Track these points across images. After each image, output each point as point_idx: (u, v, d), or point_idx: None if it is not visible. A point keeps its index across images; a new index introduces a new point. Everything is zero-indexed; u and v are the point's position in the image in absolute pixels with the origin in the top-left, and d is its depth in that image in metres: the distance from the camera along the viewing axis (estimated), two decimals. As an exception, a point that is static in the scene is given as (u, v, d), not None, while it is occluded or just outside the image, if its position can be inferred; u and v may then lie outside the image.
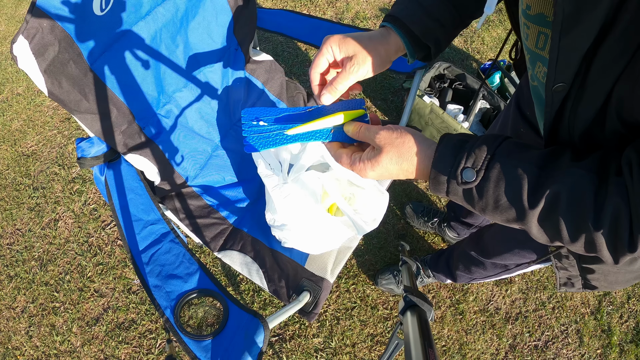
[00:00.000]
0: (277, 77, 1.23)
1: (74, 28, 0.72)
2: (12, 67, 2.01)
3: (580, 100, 0.39)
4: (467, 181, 0.39)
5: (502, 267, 0.89)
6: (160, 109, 0.99)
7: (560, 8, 0.33)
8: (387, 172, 0.44)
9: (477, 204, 0.40)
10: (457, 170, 0.39)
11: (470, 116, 1.45)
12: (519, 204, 0.37)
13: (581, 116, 0.40)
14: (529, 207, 0.37)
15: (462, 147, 0.40)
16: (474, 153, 0.39)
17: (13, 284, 1.43)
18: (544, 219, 0.37)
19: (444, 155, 0.41)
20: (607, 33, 0.33)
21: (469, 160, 0.39)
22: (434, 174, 0.41)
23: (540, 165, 0.37)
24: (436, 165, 0.41)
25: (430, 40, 0.53)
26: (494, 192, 0.38)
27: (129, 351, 1.30)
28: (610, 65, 0.34)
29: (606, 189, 0.34)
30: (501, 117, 0.86)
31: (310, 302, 0.86)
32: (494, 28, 2.00)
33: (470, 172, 0.39)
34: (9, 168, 1.68)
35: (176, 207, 1.01)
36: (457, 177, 0.39)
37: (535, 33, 0.43)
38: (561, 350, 1.31)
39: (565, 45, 0.35)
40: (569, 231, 0.36)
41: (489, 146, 0.39)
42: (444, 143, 0.42)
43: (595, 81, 0.36)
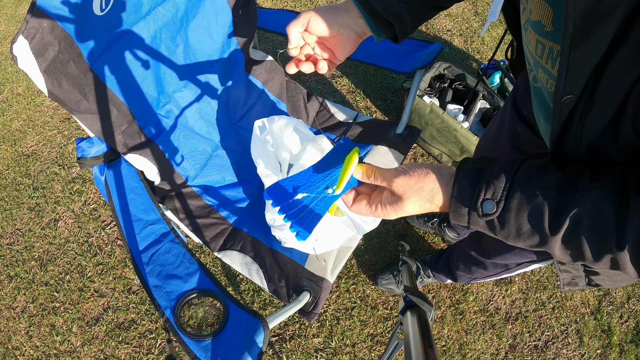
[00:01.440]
0: (277, 77, 1.23)
1: (74, 28, 0.73)
2: (12, 67, 2.01)
3: (589, 111, 0.38)
4: (487, 213, 0.39)
5: (503, 267, 0.89)
6: (160, 109, 0.99)
7: (572, 21, 0.33)
8: (411, 213, 0.45)
9: (499, 232, 0.40)
10: (477, 203, 0.40)
11: (470, 116, 1.45)
12: (541, 231, 0.38)
13: (590, 127, 0.40)
14: (551, 233, 0.37)
15: (480, 177, 0.40)
16: (492, 184, 0.39)
17: (13, 284, 1.43)
18: (567, 241, 0.37)
19: (462, 187, 0.41)
20: (618, 45, 0.32)
21: (488, 191, 0.39)
22: (454, 207, 0.42)
23: (559, 189, 0.37)
24: (456, 198, 0.41)
25: (392, 16, 0.52)
26: (516, 221, 0.39)
27: (129, 351, 1.30)
28: (621, 77, 0.34)
29: (627, 209, 0.34)
30: (498, 116, 0.86)
31: (310, 302, 0.86)
32: (494, 28, 2.00)
33: (491, 204, 0.39)
34: (9, 168, 1.68)
35: (176, 207, 1.01)
36: (478, 209, 0.40)
37: (534, 40, 0.43)
38: (561, 350, 1.31)
39: (575, 59, 0.35)
40: (592, 253, 0.36)
41: (507, 174, 0.39)
42: (461, 174, 0.42)
43: (606, 92, 0.36)
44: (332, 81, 1.83)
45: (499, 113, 0.86)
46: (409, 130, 1.12)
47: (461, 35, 1.98)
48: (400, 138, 1.10)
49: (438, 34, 1.98)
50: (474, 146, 1.34)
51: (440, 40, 1.96)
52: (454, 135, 1.38)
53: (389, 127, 1.14)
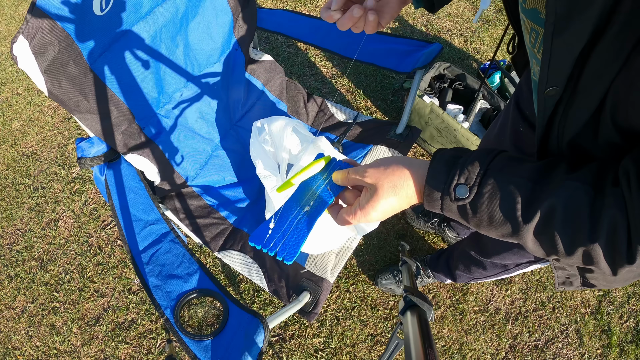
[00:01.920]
0: (277, 77, 1.23)
1: (74, 28, 0.73)
2: (12, 67, 2.01)
3: (571, 104, 0.38)
4: (460, 198, 0.39)
5: (502, 267, 0.89)
6: (160, 109, 0.99)
7: (552, 8, 0.33)
8: (389, 205, 0.43)
9: (471, 219, 0.40)
10: (450, 187, 0.39)
11: (470, 116, 1.45)
12: (513, 219, 0.37)
13: (572, 122, 0.39)
14: (524, 221, 0.36)
15: (454, 163, 0.40)
16: (467, 169, 0.39)
17: (13, 284, 1.43)
18: (540, 232, 0.36)
19: (436, 172, 0.41)
20: (600, 35, 0.32)
21: (462, 176, 0.39)
22: (427, 191, 0.41)
23: (533, 179, 0.37)
24: (429, 182, 0.41)
25: None
26: (488, 208, 0.38)
27: (129, 351, 1.30)
28: (603, 68, 0.33)
29: (602, 201, 0.33)
30: (501, 116, 0.86)
31: (310, 302, 0.86)
32: (493, 28, 2.00)
33: (464, 188, 0.39)
34: (9, 168, 1.68)
35: (176, 207, 1.01)
36: (451, 193, 0.39)
37: (528, 29, 0.43)
38: (561, 350, 1.31)
39: (557, 47, 0.35)
40: (564, 245, 0.35)
41: (481, 162, 0.39)
42: (436, 159, 0.42)
43: (588, 85, 0.35)
44: (332, 81, 1.83)
45: (502, 113, 0.86)
46: (409, 130, 1.12)
47: (461, 35, 1.98)
48: (400, 138, 1.10)
49: (438, 34, 1.98)
50: (474, 146, 1.34)
51: (440, 40, 1.96)
52: (454, 135, 1.38)
53: (389, 127, 1.14)
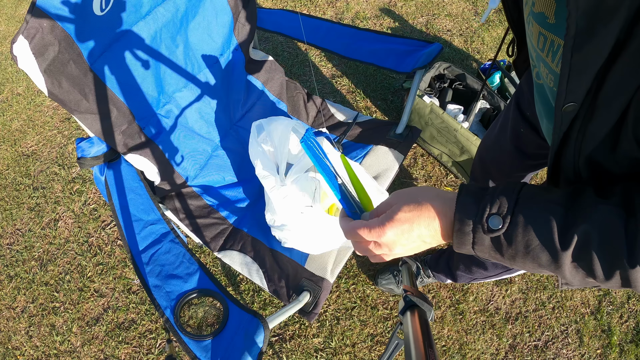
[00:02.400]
0: (277, 77, 1.23)
1: (74, 28, 0.73)
2: (12, 67, 2.01)
3: (590, 119, 0.37)
4: (493, 229, 0.37)
5: (503, 267, 0.89)
6: (160, 109, 0.99)
7: (573, 22, 0.32)
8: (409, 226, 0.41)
9: (506, 252, 0.38)
10: (483, 218, 0.38)
11: (470, 116, 1.45)
12: (551, 247, 0.36)
13: (590, 137, 0.38)
14: (562, 248, 0.35)
15: (483, 195, 0.39)
16: (498, 199, 0.38)
17: (13, 284, 1.43)
18: (577, 259, 0.35)
19: (465, 205, 0.39)
20: (621, 48, 0.31)
21: (494, 206, 0.37)
22: (458, 225, 0.39)
23: (565, 205, 0.36)
24: (459, 215, 0.39)
25: None
26: (523, 237, 0.36)
27: (129, 351, 1.30)
28: (624, 82, 0.32)
29: (635, 223, 0.33)
30: (501, 117, 0.86)
31: (310, 302, 0.86)
32: (494, 28, 2.00)
33: (497, 219, 0.37)
34: (9, 168, 1.68)
35: (176, 207, 1.01)
36: (483, 225, 0.37)
37: (536, 32, 0.43)
38: (561, 350, 1.31)
39: (577, 61, 0.34)
40: (603, 269, 0.34)
41: (511, 191, 0.38)
42: (463, 193, 0.40)
43: (609, 99, 0.34)
44: (332, 81, 1.83)
45: (502, 114, 0.86)
46: (409, 130, 1.12)
47: (461, 35, 1.98)
48: (400, 138, 1.10)
49: (438, 34, 1.98)
50: (474, 146, 1.34)
51: (440, 40, 1.96)
52: (454, 135, 1.38)
53: (389, 127, 1.14)
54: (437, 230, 0.41)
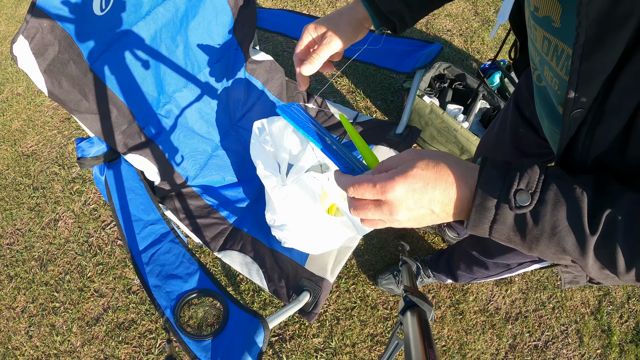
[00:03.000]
0: (277, 77, 1.23)
1: (74, 28, 0.73)
2: (12, 67, 2.01)
3: (598, 124, 0.37)
4: (521, 205, 0.34)
5: (504, 267, 0.89)
6: (160, 109, 0.99)
7: (583, 30, 0.31)
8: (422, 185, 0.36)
9: (530, 232, 0.35)
10: (510, 193, 0.34)
11: (470, 116, 1.45)
12: (579, 229, 0.33)
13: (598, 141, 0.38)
14: (590, 232, 0.33)
15: (508, 169, 0.36)
16: (527, 173, 0.35)
17: (13, 284, 1.43)
18: (600, 246, 0.33)
19: (491, 176, 0.35)
20: (630, 55, 0.31)
21: (522, 181, 0.34)
22: (479, 199, 0.35)
23: (592, 187, 0.34)
24: (483, 187, 0.35)
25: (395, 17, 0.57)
26: (552, 216, 0.34)
27: (129, 351, 1.30)
28: (633, 87, 0.32)
29: None
30: (499, 117, 0.86)
31: (310, 302, 0.86)
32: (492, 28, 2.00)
33: (525, 194, 0.34)
34: (9, 168, 1.68)
35: (176, 207, 1.01)
36: (510, 200, 0.34)
37: (541, 37, 0.43)
38: (561, 350, 1.31)
39: (585, 71, 0.34)
40: (625, 259, 0.33)
41: (538, 168, 0.35)
42: (488, 164, 0.36)
43: (616, 105, 0.34)
44: (332, 81, 1.83)
45: (501, 113, 0.86)
46: (409, 130, 1.12)
47: (461, 35, 1.98)
48: (400, 138, 1.10)
49: (438, 34, 1.98)
50: (474, 146, 1.34)
51: (440, 40, 1.96)
52: (454, 135, 1.38)
53: (389, 127, 1.14)
54: (452, 200, 0.37)
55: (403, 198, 0.36)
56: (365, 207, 0.39)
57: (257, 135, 0.96)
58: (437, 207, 0.37)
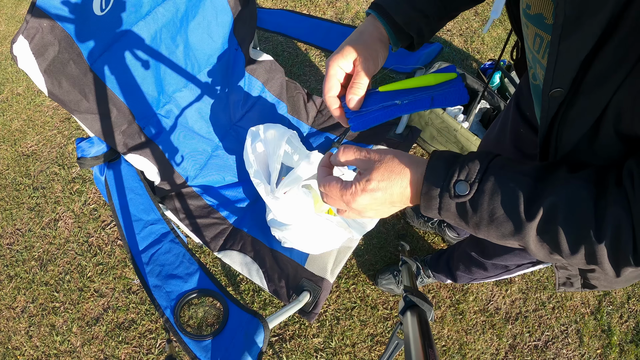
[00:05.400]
0: (277, 77, 1.23)
1: (74, 28, 0.73)
2: (12, 67, 2.01)
3: (572, 106, 0.38)
4: (460, 194, 0.38)
5: (503, 268, 0.89)
6: (160, 109, 0.99)
7: (562, 11, 0.33)
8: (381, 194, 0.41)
9: (471, 219, 0.39)
10: (450, 184, 0.38)
11: (470, 116, 1.45)
12: (515, 217, 0.36)
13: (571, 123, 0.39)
14: (527, 219, 0.35)
15: (454, 161, 0.39)
16: (467, 166, 0.38)
17: (13, 284, 1.43)
18: (542, 231, 0.36)
19: (435, 169, 0.39)
20: (607, 39, 0.32)
21: (462, 173, 0.38)
22: (425, 188, 0.39)
23: (535, 177, 0.37)
24: (428, 179, 0.39)
25: (413, 30, 0.53)
26: (489, 205, 0.37)
27: (129, 351, 1.30)
28: (606, 74, 0.33)
29: (605, 200, 0.33)
30: (501, 117, 0.86)
31: (310, 302, 0.86)
32: (494, 28, 2.00)
33: (464, 185, 0.38)
34: (9, 168, 1.68)
35: (176, 207, 1.01)
36: (450, 190, 0.38)
37: (532, 34, 0.43)
38: (561, 350, 1.31)
39: (564, 49, 0.35)
40: (569, 243, 0.35)
41: (481, 160, 0.38)
42: (435, 157, 0.40)
43: (591, 89, 0.35)
44: (332, 81, 1.82)
45: (502, 114, 0.86)
46: (409, 130, 1.12)
47: (461, 35, 1.98)
48: (400, 138, 1.10)
49: (438, 34, 1.98)
50: (474, 146, 1.34)
51: (440, 40, 1.96)
52: (454, 135, 1.38)
53: (389, 127, 1.14)
54: (408, 197, 0.42)
55: (366, 206, 0.42)
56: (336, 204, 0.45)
57: (250, 141, 0.95)
58: (397, 204, 0.43)
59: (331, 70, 0.50)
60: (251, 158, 0.92)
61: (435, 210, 0.40)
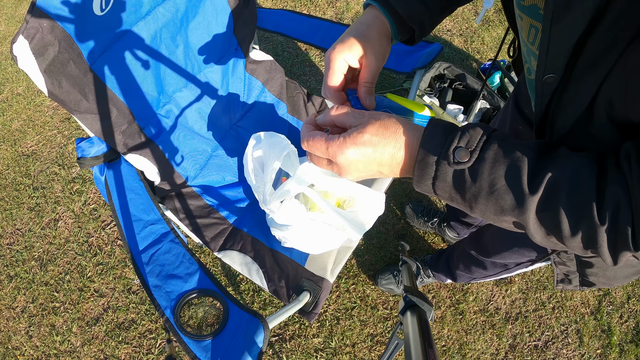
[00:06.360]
0: (277, 77, 1.23)
1: (74, 28, 0.72)
2: (12, 67, 2.01)
3: (565, 92, 0.38)
4: (459, 161, 0.35)
5: (502, 267, 0.89)
6: (160, 109, 0.99)
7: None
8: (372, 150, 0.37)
9: (468, 189, 0.35)
10: (449, 150, 0.35)
11: (470, 116, 1.45)
12: (517, 189, 0.34)
13: (564, 109, 0.39)
14: (530, 192, 0.33)
15: (453, 128, 0.37)
16: (468, 133, 0.35)
17: (13, 284, 1.43)
18: (543, 208, 0.33)
19: (434, 134, 0.36)
20: (597, 23, 0.32)
21: (463, 139, 0.35)
22: (421, 155, 0.36)
23: (537, 150, 0.35)
24: (424, 146, 0.36)
25: (415, 23, 0.51)
26: (490, 174, 0.34)
27: (129, 351, 1.30)
28: (597, 58, 0.33)
29: (606, 178, 0.32)
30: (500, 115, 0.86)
31: (310, 302, 0.86)
32: (494, 28, 2.00)
33: (464, 151, 0.35)
34: (9, 168, 1.68)
35: (176, 207, 1.01)
36: (449, 156, 0.35)
37: (527, 26, 0.43)
38: (561, 350, 1.31)
39: (555, 34, 0.35)
40: (569, 222, 0.33)
41: (483, 129, 0.36)
42: (433, 123, 0.37)
43: (582, 73, 0.35)
44: (332, 81, 1.82)
45: (501, 112, 0.86)
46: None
47: (461, 35, 1.98)
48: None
49: (438, 34, 1.98)
50: (474, 146, 1.34)
51: (440, 40, 1.96)
52: (454, 135, 1.38)
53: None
54: (400, 163, 0.38)
55: (352, 162, 0.38)
56: (318, 161, 0.42)
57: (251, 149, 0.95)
58: (385, 169, 0.39)
59: (337, 64, 0.46)
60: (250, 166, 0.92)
61: (429, 179, 0.37)
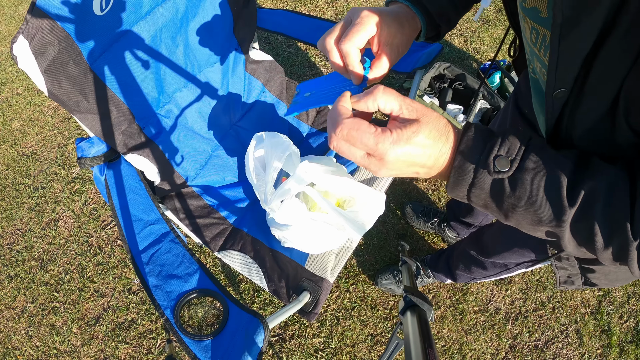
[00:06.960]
0: (277, 77, 1.23)
1: (74, 28, 0.72)
2: (12, 67, 2.01)
3: (578, 106, 0.37)
4: (500, 170, 0.34)
5: (502, 267, 0.89)
6: (160, 109, 0.99)
7: (559, 11, 0.32)
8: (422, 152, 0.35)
9: (506, 199, 0.35)
10: (489, 158, 0.34)
11: (470, 116, 1.45)
12: (557, 200, 0.33)
13: (580, 124, 0.38)
14: (569, 204, 0.33)
15: (492, 134, 0.36)
16: (508, 140, 0.35)
17: (13, 284, 1.43)
18: (578, 219, 0.33)
19: (472, 141, 0.35)
20: (607, 35, 0.32)
21: (503, 148, 0.34)
22: (459, 161, 0.35)
23: (574, 161, 0.34)
24: (463, 152, 0.35)
25: (443, 20, 0.51)
26: (530, 184, 0.33)
27: (129, 351, 1.30)
28: (611, 69, 0.33)
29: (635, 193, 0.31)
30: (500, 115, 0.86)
31: (310, 302, 0.86)
32: (494, 28, 2.00)
33: (504, 160, 0.34)
34: (9, 168, 1.68)
35: (176, 207, 1.01)
36: (489, 165, 0.34)
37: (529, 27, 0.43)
38: (561, 350, 1.31)
39: (564, 49, 0.34)
40: (603, 235, 0.32)
41: (521, 137, 0.35)
42: (472, 129, 0.36)
43: (595, 86, 0.35)
44: (332, 81, 1.82)
45: (501, 112, 0.86)
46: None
47: (461, 35, 1.98)
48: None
49: (438, 34, 1.98)
50: (474, 146, 1.34)
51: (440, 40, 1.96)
52: (454, 135, 1.38)
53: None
54: (439, 167, 0.37)
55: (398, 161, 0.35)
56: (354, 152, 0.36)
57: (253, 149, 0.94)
58: (429, 165, 0.36)
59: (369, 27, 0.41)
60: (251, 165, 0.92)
61: (465, 187, 0.36)
